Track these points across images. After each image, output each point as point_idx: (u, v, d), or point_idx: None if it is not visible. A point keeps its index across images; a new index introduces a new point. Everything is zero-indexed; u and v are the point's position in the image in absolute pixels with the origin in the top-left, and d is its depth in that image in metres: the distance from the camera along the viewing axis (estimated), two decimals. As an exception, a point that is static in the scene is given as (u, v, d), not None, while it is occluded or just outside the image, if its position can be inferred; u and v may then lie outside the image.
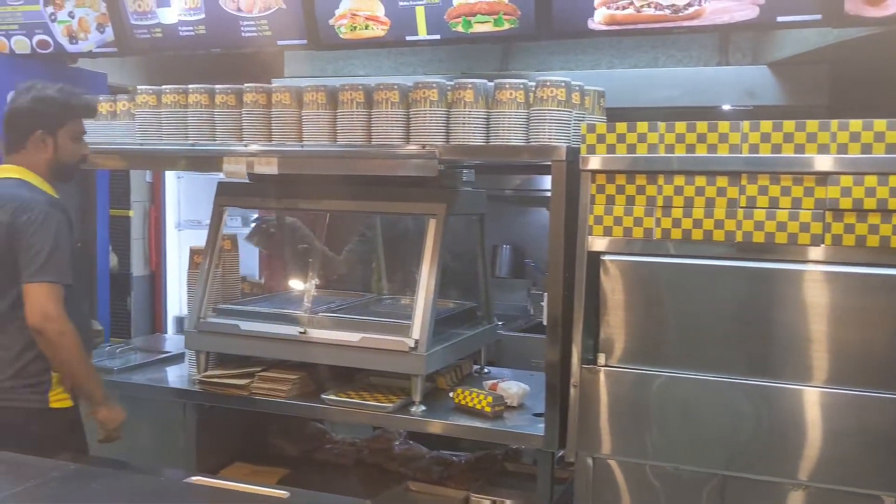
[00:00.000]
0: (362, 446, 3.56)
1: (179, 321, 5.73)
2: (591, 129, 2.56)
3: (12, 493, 1.71)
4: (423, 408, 2.91)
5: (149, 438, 3.26)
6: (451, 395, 2.99)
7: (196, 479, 2.11)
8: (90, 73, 4.02)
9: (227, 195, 3.32)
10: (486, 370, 3.44)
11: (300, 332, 3.02)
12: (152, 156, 3.18)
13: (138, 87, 3.16)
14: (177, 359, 3.60)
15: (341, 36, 3.15)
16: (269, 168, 2.97)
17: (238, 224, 5.47)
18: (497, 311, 3.53)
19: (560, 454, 2.70)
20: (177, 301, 5.75)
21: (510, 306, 4.75)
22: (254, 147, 2.99)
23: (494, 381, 3.05)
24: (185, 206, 5.81)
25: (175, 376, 3.36)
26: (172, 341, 4.18)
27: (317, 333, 3.00)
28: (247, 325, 3.10)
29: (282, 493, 2.02)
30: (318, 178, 3.14)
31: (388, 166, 2.86)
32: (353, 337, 2.94)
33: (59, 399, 2.68)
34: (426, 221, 2.98)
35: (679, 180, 2.47)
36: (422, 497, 3.13)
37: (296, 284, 3.61)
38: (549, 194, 5.07)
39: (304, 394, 3.08)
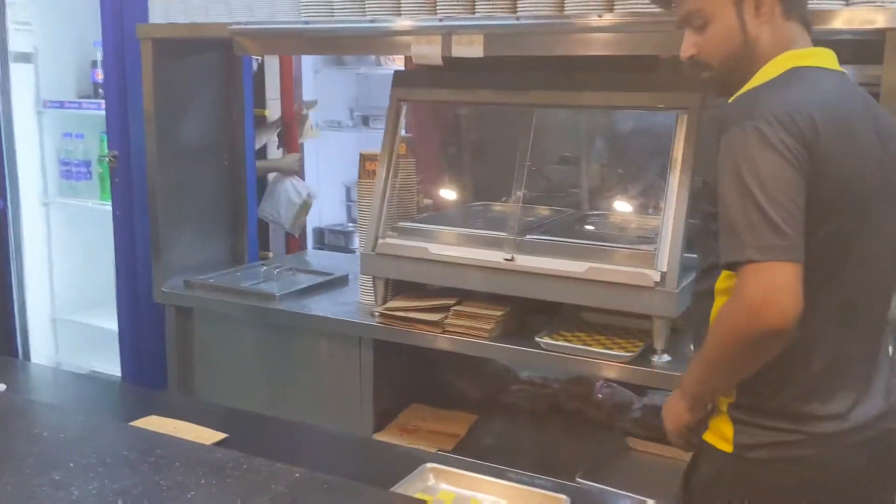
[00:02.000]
0: (558, 389, 2.99)
1: (319, 233, 5.25)
2: (961, -20, 1.78)
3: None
4: (666, 357, 2.29)
5: (320, 376, 2.77)
6: (700, 341, 2.35)
7: (430, 465, 1.56)
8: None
9: (407, 87, 2.69)
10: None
11: (506, 259, 2.42)
12: (322, 37, 2.55)
13: (303, -52, 2.52)
14: (338, 283, 3.08)
15: None
16: (473, 49, 2.31)
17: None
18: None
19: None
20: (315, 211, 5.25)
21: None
22: (452, 22, 2.34)
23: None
24: (322, 105, 5.25)
25: (345, 305, 2.83)
26: (318, 258, 3.67)
27: (528, 261, 2.39)
28: (437, 249, 2.52)
29: (560, 497, 1.44)
30: (521, 64, 2.48)
31: (637, 42, 2.16)
32: (577, 267, 2.32)
33: None
34: (675, 118, 2.29)
35: None
36: (651, 459, 2.55)
37: (482, 198, 3.00)
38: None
39: (506, 333, 2.51)
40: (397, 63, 4.79)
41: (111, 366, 3.43)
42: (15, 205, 3.53)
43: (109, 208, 3.31)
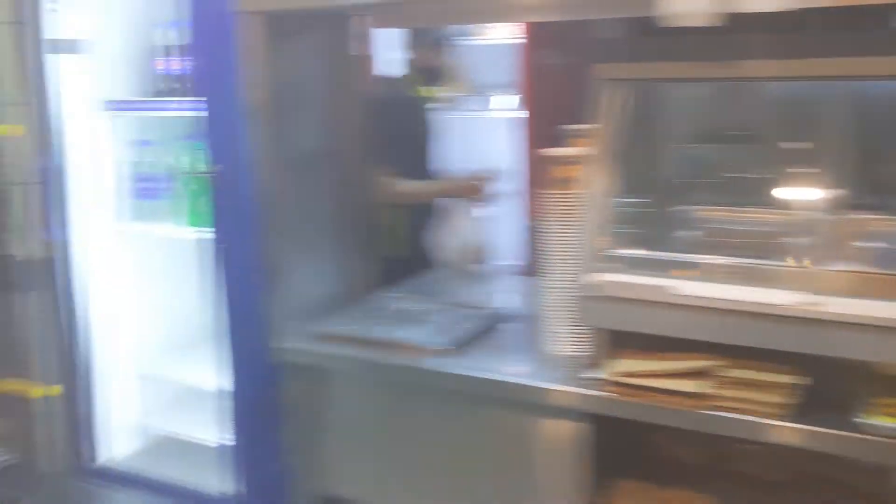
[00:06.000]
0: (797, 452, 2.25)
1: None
2: None
3: None
4: None
5: (517, 464, 2.05)
6: None
7: None
8: None
9: (616, 59, 1.94)
10: None
11: (805, 303, 1.69)
12: None
13: None
14: (503, 322, 2.37)
15: None
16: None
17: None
18: None
19: None
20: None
21: None
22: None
23: None
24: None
25: (536, 361, 2.09)
26: (448, 282, 2.88)
27: (839, 305, 1.66)
28: (692, 287, 1.78)
29: None
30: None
31: None
32: (927, 313, 1.59)
33: None
34: None
35: None
36: None
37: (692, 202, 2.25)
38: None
39: (799, 406, 1.78)
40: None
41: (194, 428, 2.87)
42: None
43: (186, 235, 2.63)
